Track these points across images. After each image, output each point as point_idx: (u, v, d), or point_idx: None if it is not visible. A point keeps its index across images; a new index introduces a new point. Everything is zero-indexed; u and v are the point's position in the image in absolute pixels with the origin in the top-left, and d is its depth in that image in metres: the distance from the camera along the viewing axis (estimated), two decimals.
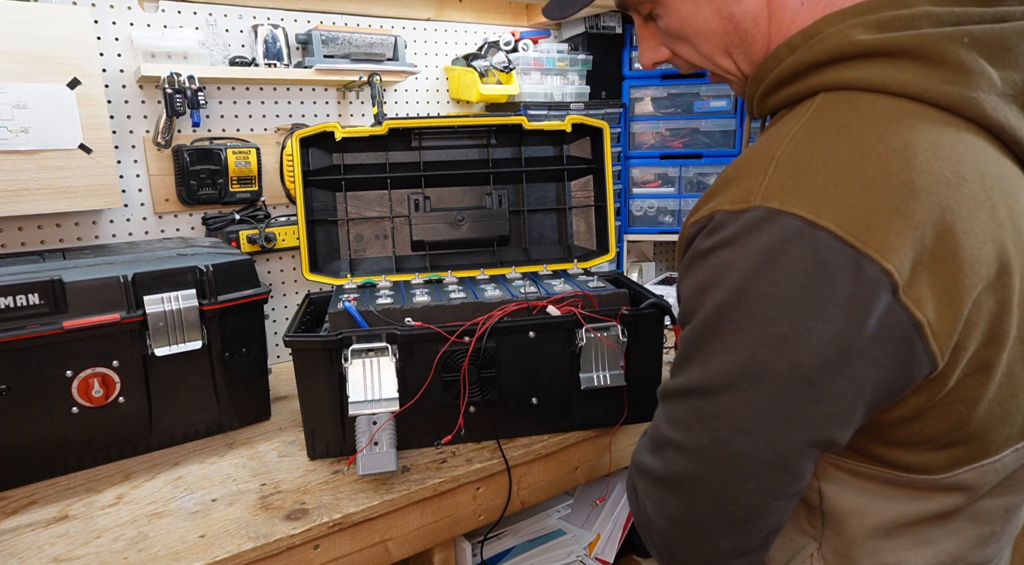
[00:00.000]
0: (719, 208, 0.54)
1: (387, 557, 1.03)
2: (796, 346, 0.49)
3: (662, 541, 0.60)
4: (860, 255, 0.47)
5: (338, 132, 1.26)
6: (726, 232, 0.52)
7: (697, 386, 0.55)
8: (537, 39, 1.87)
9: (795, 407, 0.51)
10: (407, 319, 1.09)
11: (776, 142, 0.53)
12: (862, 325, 0.48)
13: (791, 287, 0.49)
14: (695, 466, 0.56)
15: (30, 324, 1.01)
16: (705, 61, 0.67)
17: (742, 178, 0.54)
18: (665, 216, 2.00)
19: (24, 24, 1.19)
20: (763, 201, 0.50)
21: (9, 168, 1.21)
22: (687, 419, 0.56)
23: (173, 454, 1.16)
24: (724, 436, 0.53)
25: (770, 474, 0.53)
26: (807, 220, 0.48)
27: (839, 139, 0.50)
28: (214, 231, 1.55)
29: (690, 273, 0.56)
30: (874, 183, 0.48)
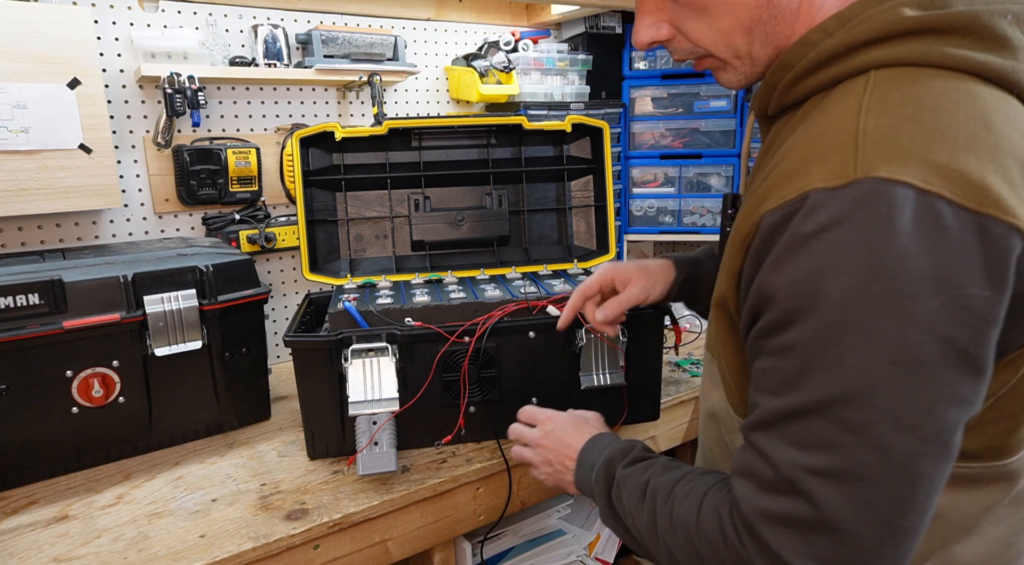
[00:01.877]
0: (811, 187, 0.49)
1: (387, 557, 1.03)
2: (947, 320, 0.45)
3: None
4: (982, 217, 0.45)
5: (338, 132, 1.26)
6: (832, 210, 0.47)
7: (840, 394, 0.47)
8: (537, 39, 1.87)
9: (955, 386, 0.47)
10: (407, 319, 1.09)
11: (848, 118, 0.50)
12: (1005, 286, 0.46)
13: (925, 258, 0.45)
14: (855, 489, 0.48)
15: (30, 324, 1.01)
16: (717, 40, 0.61)
17: (825, 156, 0.50)
18: (665, 216, 2.00)
19: (24, 24, 1.19)
20: (867, 172, 0.47)
21: (9, 168, 1.21)
22: (832, 437, 0.48)
23: (173, 454, 1.16)
24: (888, 442, 0.47)
25: (938, 469, 0.48)
26: (920, 188, 0.46)
27: (919, 110, 0.48)
28: (214, 231, 1.55)
29: (788, 263, 0.50)
30: (968, 148, 0.47)
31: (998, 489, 0.57)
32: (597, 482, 0.75)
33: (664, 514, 0.64)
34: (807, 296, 0.49)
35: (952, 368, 0.47)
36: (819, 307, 0.48)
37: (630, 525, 0.69)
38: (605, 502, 0.73)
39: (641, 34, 0.65)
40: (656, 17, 0.64)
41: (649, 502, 0.66)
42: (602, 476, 0.74)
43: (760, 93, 0.63)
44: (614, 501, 0.72)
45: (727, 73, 0.65)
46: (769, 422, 0.53)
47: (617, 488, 0.71)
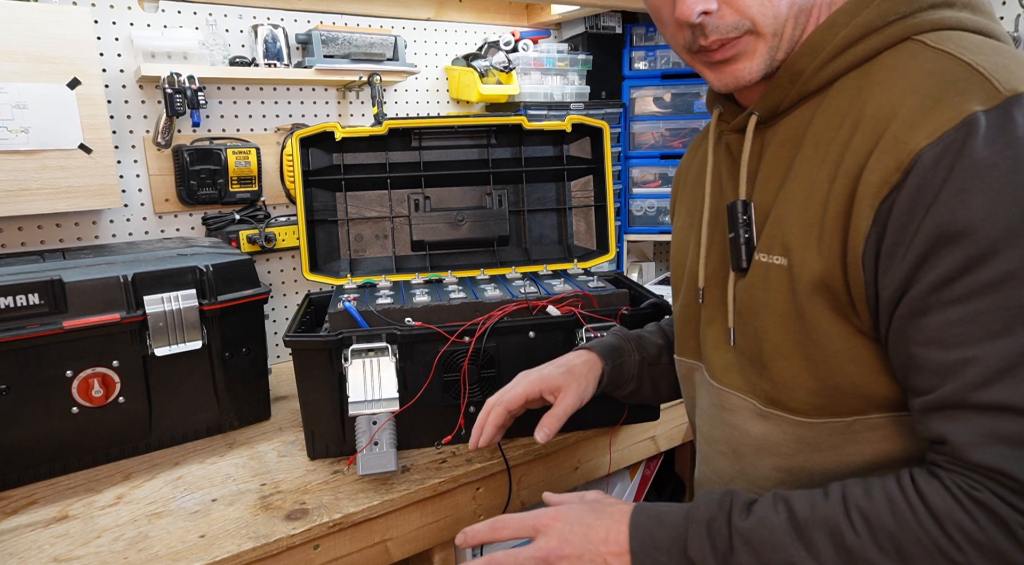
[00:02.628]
0: (971, 111, 0.49)
1: (387, 557, 1.03)
2: None
3: None
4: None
5: (338, 132, 1.26)
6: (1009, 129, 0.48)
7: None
8: (537, 39, 1.87)
9: None
10: (407, 319, 1.09)
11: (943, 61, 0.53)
12: None
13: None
14: None
15: (30, 324, 1.01)
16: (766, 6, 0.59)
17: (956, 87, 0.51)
18: (665, 216, 2.00)
19: (24, 24, 1.19)
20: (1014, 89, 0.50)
21: (9, 168, 1.21)
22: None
23: (173, 454, 1.16)
24: None
25: None
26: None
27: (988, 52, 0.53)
28: (214, 231, 1.55)
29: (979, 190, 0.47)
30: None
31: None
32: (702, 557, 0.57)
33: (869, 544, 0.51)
34: (1017, 217, 0.46)
35: None
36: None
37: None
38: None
39: (689, 3, 0.59)
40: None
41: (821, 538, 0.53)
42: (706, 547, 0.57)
43: (775, 87, 0.63)
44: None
45: (752, 60, 0.62)
46: (1006, 368, 0.47)
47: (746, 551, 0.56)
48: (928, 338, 0.51)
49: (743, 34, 0.61)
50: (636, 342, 0.96)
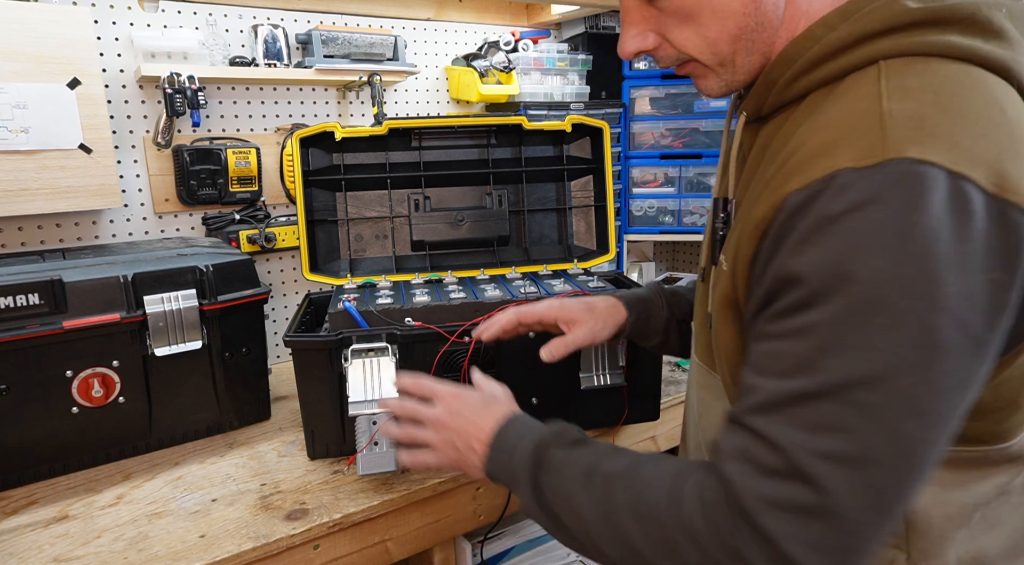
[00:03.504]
0: (839, 167, 0.48)
1: (387, 557, 1.03)
2: (965, 305, 0.46)
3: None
4: (1003, 203, 0.46)
5: (338, 132, 1.26)
6: (862, 190, 0.47)
7: (859, 377, 0.47)
8: (537, 39, 1.87)
9: (967, 372, 0.47)
10: (407, 319, 1.09)
11: (868, 103, 0.50)
12: (1016, 273, 0.47)
13: (953, 242, 0.45)
14: (862, 474, 0.47)
15: (30, 324, 1.01)
16: (704, 47, 0.61)
17: (851, 137, 0.49)
18: (665, 216, 2.00)
19: (24, 24, 1.19)
20: (897, 153, 0.47)
21: (9, 168, 1.21)
22: (845, 420, 0.47)
23: (173, 454, 1.16)
24: (901, 427, 0.47)
25: (935, 454, 0.49)
26: (948, 170, 0.46)
27: (938, 95, 0.49)
28: (214, 231, 1.55)
29: (819, 242, 0.48)
30: (987, 133, 0.48)
31: (1005, 472, 0.58)
32: (520, 467, 0.68)
33: (624, 500, 0.59)
34: (836, 276, 0.47)
35: (966, 354, 0.47)
36: (848, 288, 0.47)
37: (564, 513, 0.64)
38: (531, 490, 0.67)
39: (627, 44, 0.65)
40: (642, 27, 0.64)
41: (600, 488, 0.61)
42: (528, 461, 0.68)
43: (756, 92, 0.63)
44: (543, 487, 0.66)
45: (708, 80, 0.65)
46: (775, 404, 0.51)
47: (551, 474, 0.66)
48: (749, 361, 0.56)
49: (688, 62, 0.64)
50: (669, 298, 0.97)
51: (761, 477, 0.51)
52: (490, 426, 0.74)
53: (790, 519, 0.49)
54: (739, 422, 0.54)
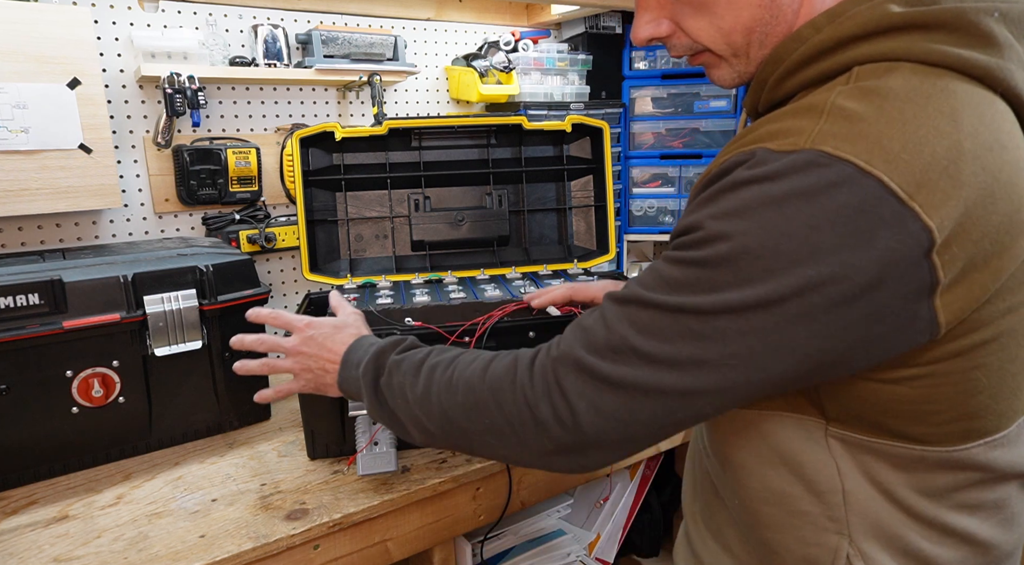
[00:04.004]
0: (763, 145, 0.52)
1: (387, 557, 1.03)
2: (815, 289, 0.49)
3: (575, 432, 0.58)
4: (905, 209, 0.47)
5: (338, 132, 1.26)
6: (770, 167, 0.51)
7: (694, 307, 0.53)
8: (537, 39, 1.87)
9: (789, 341, 0.51)
10: (407, 319, 1.09)
11: (822, 98, 0.52)
12: (885, 282, 0.48)
13: (829, 233, 0.48)
14: (659, 377, 0.54)
15: (30, 324, 1.01)
16: (717, 37, 0.61)
17: (789, 128, 0.52)
18: (665, 216, 2.00)
19: (24, 24, 1.19)
20: (814, 145, 0.49)
21: (9, 168, 1.21)
22: (668, 333, 0.54)
23: (173, 454, 1.16)
24: (705, 357, 0.53)
25: (726, 400, 0.55)
26: (858, 167, 0.48)
27: (887, 100, 0.50)
28: (214, 231, 1.55)
29: (717, 199, 0.53)
30: (925, 141, 0.48)
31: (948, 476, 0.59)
32: (365, 374, 0.74)
33: (443, 379, 0.66)
34: (716, 232, 0.52)
35: (795, 327, 0.50)
36: (718, 243, 0.52)
37: (397, 406, 0.70)
38: (372, 391, 0.73)
39: (641, 30, 0.65)
40: (656, 13, 0.64)
41: (426, 374, 0.68)
42: (371, 367, 0.74)
43: (752, 89, 0.63)
44: (382, 387, 0.72)
45: (721, 70, 0.65)
46: (628, 301, 0.58)
47: (388, 375, 0.72)
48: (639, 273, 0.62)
49: (701, 52, 0.64)
50: None
51: (585, 347, 0.58)
52: (340, 347, 0.82)
53: (588, 382, 0.57)
54: (603, 303, 0.61)
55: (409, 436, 0.71)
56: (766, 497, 0.64)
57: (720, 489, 0.72)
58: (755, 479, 0.64)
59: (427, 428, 0.68)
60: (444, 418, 0.66)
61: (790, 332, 0.50)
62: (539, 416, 0.59)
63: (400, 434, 0.73)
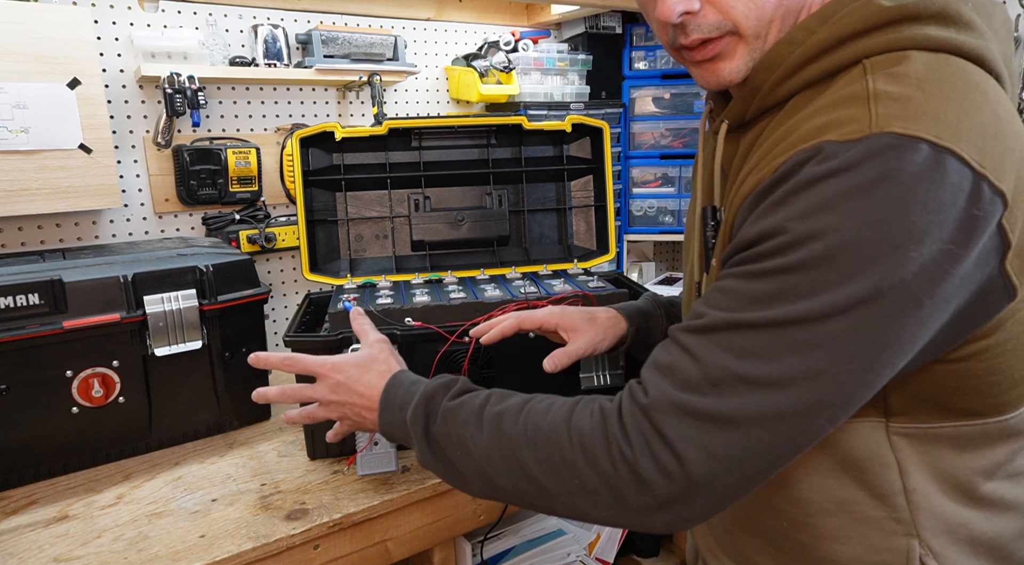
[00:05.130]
0: (826, 139, 0.51)
1: (387, 557, 1.03)
2: (918, 272, 0.48)
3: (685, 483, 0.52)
4: (980, 178, 0.48)
5: (338, 132, 1.26)
6: (845, 159, 0.49)
7: (799, 316, 0.50)
8: (537, 39, 1.87)
9: (900, 332, 0.50)
10: (407, 319, 1.09)
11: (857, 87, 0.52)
12: (973, 247, 0.49)
13: (922, 212, 0.48)
14: (776, 401, 0.50)
15: (30, 324, 1.01)
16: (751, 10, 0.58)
17: (840, 119, 0.51)
18: (665, 216, 2.00)
19: (24, 24, 1.19)
20: (881, 129, 0.49)
21: (9, 168, 1.21)
22: (774, 350, 0.51)
23: (173, 454, 1.16)
24: (821, 365, 0.50)
25: (848, 404, 0.52)
26: (933, 143, 0.48)
27: (922, 80, 0.51)
28: (214, 231, 1.55)
29: (793, 201, 0.51)
30: (972, 112, 0.50)
31: (1004, 447, 0.59)
32: (415, 421, 0.69)
33: (515, 431, 0.61)
34: (803, 233, 0.50)
35: (904, 315, 0.49)
36: (810, 244, 0.50)
37: (457, 457, 0.65)
38: (424, 440, 0.68)
39: (673, 4, 0.59)
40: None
41: (491, 425, 0.63)
42: (420, 414, 0.69)
43: (739, 98, 0.63)
44: (436, 436, 0.67)
45: (734, 60, 0.61)
46: (712, 328, 0.54)
47: (443, 422, 0.67)
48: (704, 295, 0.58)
49: (724, 34, 0.60)
50: (667, 309, 0.99)
51: (676, 386, 0.54)
52: (373, 391, 0.77)
53: (693, 425, 0.52)
54: (674, 338, 0.57)
55: (468, 487, 0.67)
56: (828, 508, 0.61)
57: (753, 514, 0.67)
58: (815, 492, 0.62)
59: (496, 484, 0.62)
60: (522, 475, 0.60)
61: (901, 322, 0.49)
62: (641, 473, 0.53)
63: (456, 485, 0.68)
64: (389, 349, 0.85)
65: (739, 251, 0.55)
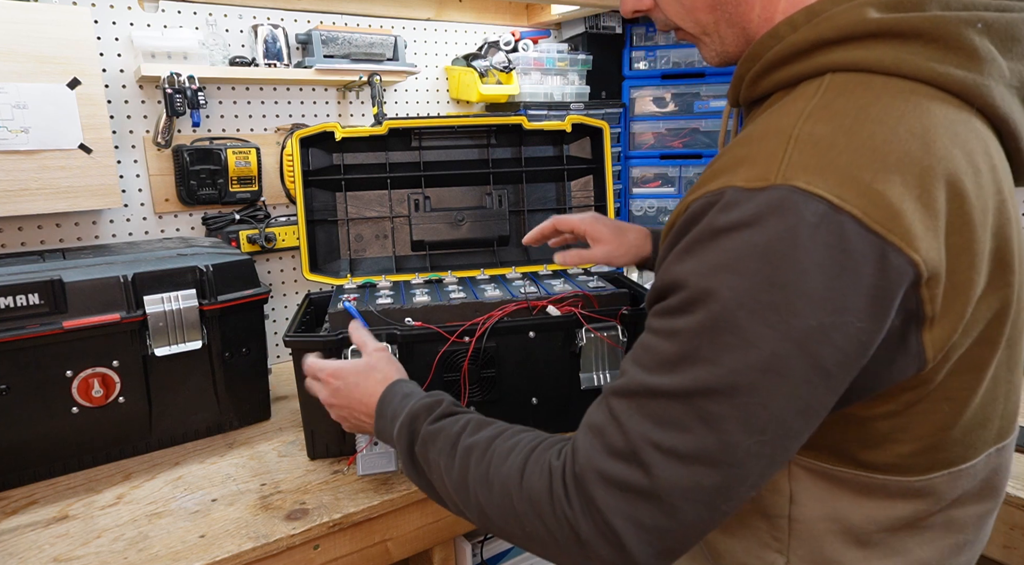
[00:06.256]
0: (732, 184, 0.49)
1: (387, 557, 1.03)
2: (822, 340, 0.47)
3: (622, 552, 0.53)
4: (886, 244, 0.45)
5: (338, 132, 1.26)
6: (745, 210, 0.48)
7: (705, 387, 0.49)
8: (537, 39, 1.87)
9: (810, 401, 0.49)
10: (407, 319, 1.09)
11: (790, 121, 0.50)
12: (884, 318, 0.47)
13: (819, 277, 0.46)
14: (693, 473, 0.50)
15: (30, 324, 1.01)
16: (684, 15, 0.62)
17: (755, 156, 0.50)
18: (665, 216, 2.00)
19: (24, 24, 1.19)
20: (785, 180, 0.47)
21: (9, 168, 1.21)
22: (686, 421, 0.50)
23: (173, 454, 1.16)
24: (735, 439, 0.49)
25: (771, 468, 0.51)
26: (832, 204, 0.45)
27: (858, 121, 0.48)
28: (214, 231, 1.55)
29: (699, 252, 0.50)
30: (897, 169, 0.46)
31: (907, 506, 0.58)
32: (400, 438, 0.72)
33: (479, 471, 0.62)
34: (704, 290, 0.49)
35: (811, 384, 0.48)
36: (709, 303, 0.49)
37: (435, 481, 0.68)
38: (408, 457, 0.71)
39: (627, 2, 0.67)
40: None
41: (461, 459, 0.65)
42: (405, 432, 0.72)
43: (733, 83, 0.62)
44: (418, 457, 0.70)
45: (703, 49, 0.65)
46: (633, 392, 0.54)
47: (423, 445, 0.69)
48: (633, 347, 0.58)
49: (679, 29, 0.65)
50: None
51: (604, 453, 0.54)
52: (371, 398, 0.81)
53: (620, 496, 0.52)
54: (604, 398, 0.57)
55: (444, 505, 0.70)
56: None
57: None
58: None
59: (464, 513, 0.66)
60: (482, 515, 0.62)
61: (808, 391, 0.48)
62: (582, 536, 0.54)
63: (435, 500, 0.71)
64: (388, 357, 0.88)
65: (654, 299, 0.56)
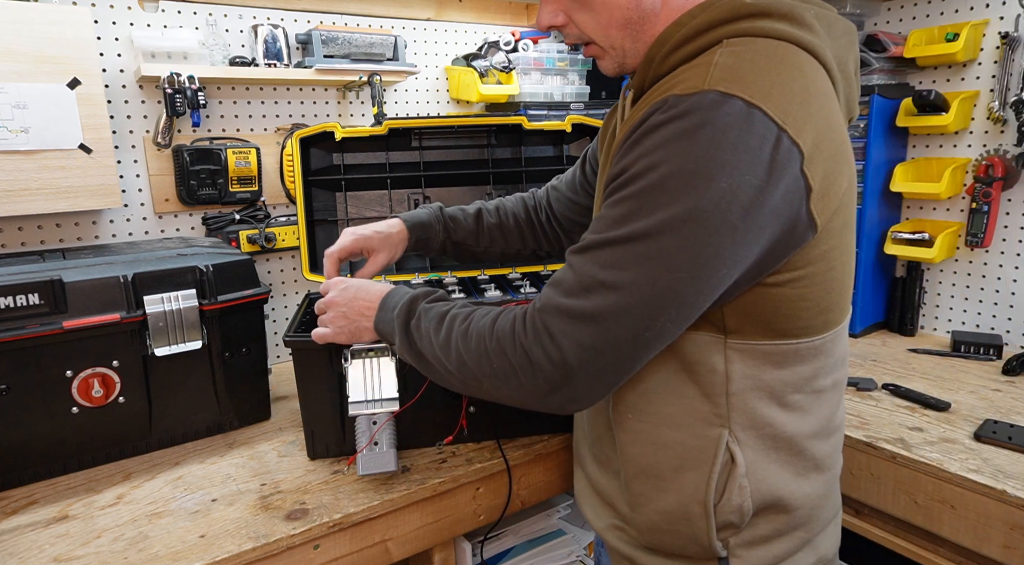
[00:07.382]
0: (671, 93, 0.66)
1: (387, 557, 1.03)
2: (729, 198, 0.62)
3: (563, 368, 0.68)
4: (781, 130, 0.63)
5: (338, 132, 1.26)
6: (680, 108, 0.64)
7: (640, 233, 0.65)
8: (537, 39, 1.87)
9: (719, 248, 0.64)
10: None
11: (708, 61, 0.67)
12: (776, 185, 0.63)
13: (730, 152, 0.62)
14: (625, 300, 0.65)
15: (30, 324, 1.01)
16: (598, 31, 0.77)
17: (688, 77, 0.66)
18: None
19: (24, 24, 1.19)
20: (710, 86, 0.64)
21: (9, 168, 1.21)
22: (624, 261, 0.65)
23: (173, 454, 1.16)
24: (658, 273, 0.64)
25: (686, 306, 0.66)
26: (746, 101, 0.63)
27: (755, 57, 0.66)
28: (214, 231, 1.55)
29: (641, 143, 0.66)
30: (786, 84, 0.65)
31: (809, 366, 0.75)
32: (398, 317, 0.85)
33: (461, 329, 0.77)
34: (643, 166, 0.65)
35: (721, 235, 0.63)
36: (649, 174, 0.65)
37: (424, 346, 0.81)
38: (403, 331, 0.84)
39: (542, 18, 0.80)
40: (555, 6, 0.79)
41: (448, 324, 0.80)
42: (404, 311, 0.85)
43: (640, 69, 0.75)
44: (412, 329, 0.83)
45: (604, 61, 0.80)
46: (588, 247, 0.69)
47: (418, 319, 0.84)
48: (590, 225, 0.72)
49: (588, 44, 0.79)
50: (447, 223, 1.15)
51: (560, 293, 0.70)
52: (377, 295, 0.94)
53: (568, 321, 0.68)
54: (566, 259, 0.72)
55: (434, 374, 0.82)
56: (669, 400, 0.77)
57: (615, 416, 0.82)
58: (661, 385, 0.77)
59: (448, 368, 0.78)
60: (460, 362, 0.76)
61: (719, 240, 0.63)
62: (533, 359, 0.69)
63: (426, 372, 0.83)
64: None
65: (608, 183, 0.70)
